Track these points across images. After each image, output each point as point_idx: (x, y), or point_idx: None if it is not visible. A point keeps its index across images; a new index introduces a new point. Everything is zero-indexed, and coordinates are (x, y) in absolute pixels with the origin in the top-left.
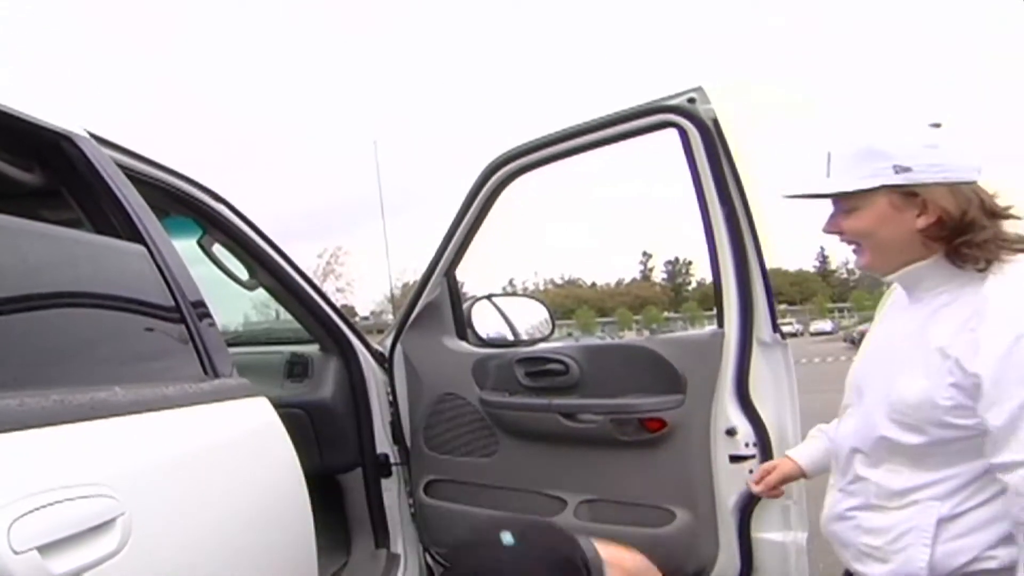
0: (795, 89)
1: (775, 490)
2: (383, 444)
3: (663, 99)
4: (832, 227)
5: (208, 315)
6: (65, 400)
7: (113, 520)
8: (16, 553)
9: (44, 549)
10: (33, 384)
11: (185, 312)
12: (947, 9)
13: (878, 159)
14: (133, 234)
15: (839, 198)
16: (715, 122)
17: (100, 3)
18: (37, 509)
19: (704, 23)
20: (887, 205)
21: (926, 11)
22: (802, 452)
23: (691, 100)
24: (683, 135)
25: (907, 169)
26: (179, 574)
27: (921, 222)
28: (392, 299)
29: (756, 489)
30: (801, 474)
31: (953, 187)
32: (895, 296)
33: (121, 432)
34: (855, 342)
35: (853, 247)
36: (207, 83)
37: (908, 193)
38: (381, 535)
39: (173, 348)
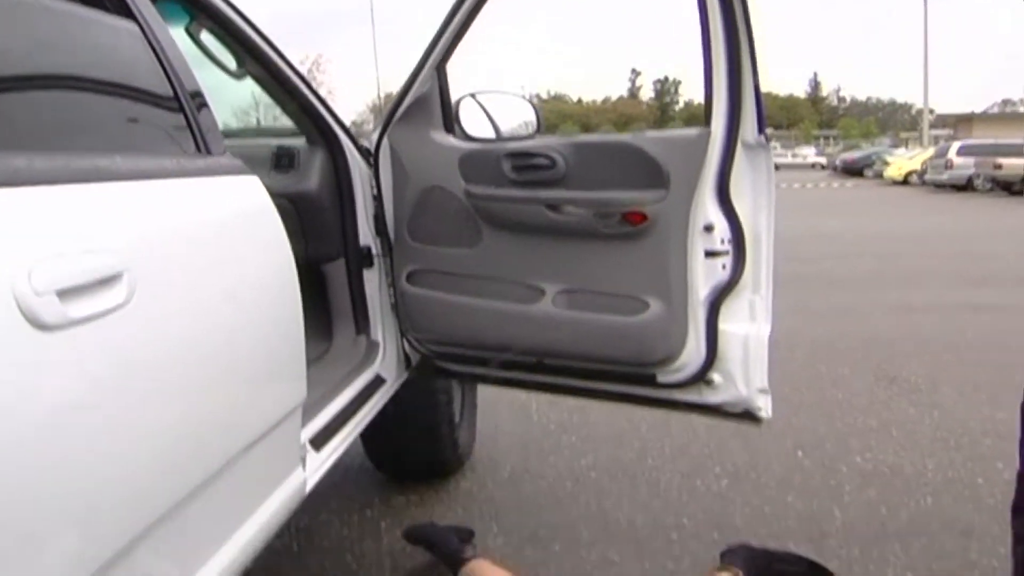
0: None
1: None
2: (366, 236)
3: None
4: None
5: (200, 93)
6: (70, 163)
7: (120, 275)
8: (38, 295)
9: (61, 294)
10: (36, 148)
11: (177, 88)
12: None
13: None
14: (123, 10)
15: None
16: None
17: None
18: (52, 257)
19: None
20: None
21: None
22: None
23: None
24: None
25: None
26: (181, 331)
27: None
28: (377, 109)
29: None
30: None
31: None
32: None
33: (123, 196)
34: (837, 169)
35: None
36: None
37: None
38: (362, 323)
39: (167, 123)
